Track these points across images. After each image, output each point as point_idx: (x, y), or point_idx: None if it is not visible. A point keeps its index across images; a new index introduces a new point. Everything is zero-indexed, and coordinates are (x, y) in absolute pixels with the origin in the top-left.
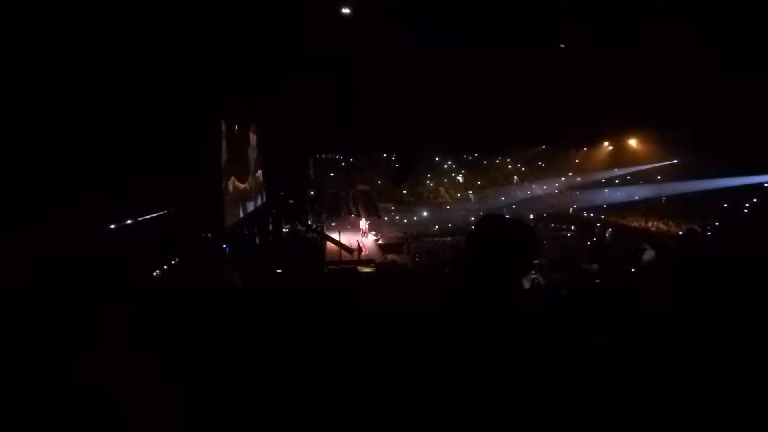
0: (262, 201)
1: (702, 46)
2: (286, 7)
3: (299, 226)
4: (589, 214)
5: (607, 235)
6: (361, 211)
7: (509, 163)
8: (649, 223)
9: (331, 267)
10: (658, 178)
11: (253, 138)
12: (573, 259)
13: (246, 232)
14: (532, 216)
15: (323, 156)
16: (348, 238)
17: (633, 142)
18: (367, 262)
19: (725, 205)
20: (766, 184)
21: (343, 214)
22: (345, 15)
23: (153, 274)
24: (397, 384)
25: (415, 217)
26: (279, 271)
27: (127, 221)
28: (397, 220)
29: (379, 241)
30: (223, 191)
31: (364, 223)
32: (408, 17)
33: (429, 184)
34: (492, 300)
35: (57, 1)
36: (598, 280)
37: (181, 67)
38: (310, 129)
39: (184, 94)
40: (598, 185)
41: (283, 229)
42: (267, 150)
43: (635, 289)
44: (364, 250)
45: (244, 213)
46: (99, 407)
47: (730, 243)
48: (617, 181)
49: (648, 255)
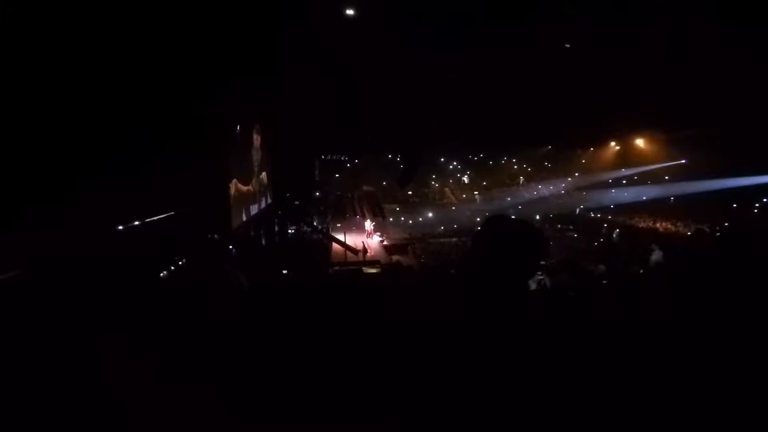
0: (267, 203)
1: (710, 46)
2: (290, 8)
3: (305, 227)
4: (596, 215)
5: (614, 235)
6: (366, 212)
7: (515, 163)
8: (657, 224)
9: (336, 268)
10: (666, 178)
11: (257, 140)
12: (580, 260)
13: (252, 234)
14: (538, 217)
15: (329, 157)
16: (353, 239)
17: (640, 142)
18: (372, 263)
19: (734, 205)
20: None
21: (348, 215)
22: (350, 15)
23: (160, 274)
24: (403, 385)
25: (420, 218)
26: (285, 271)
27: (134, 222)
28: (402, 221)
29: (385, 242)
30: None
31: (369, 224)
32: (413, 18)
33: (434, 184)
34: (498, 301)
35: (59, 1)
36: (605, 282)
37: (186, 68)
38: (316, 130)
39: (190, 97)
40: (605, 185)
41: (289, 230)
42: (273, 151)
43: (643, 290)
44: (369, 251)
45: (247, 216)
46: (107, 407)
47: (739, 244)
48: (624, 181)
49: (656, 256)
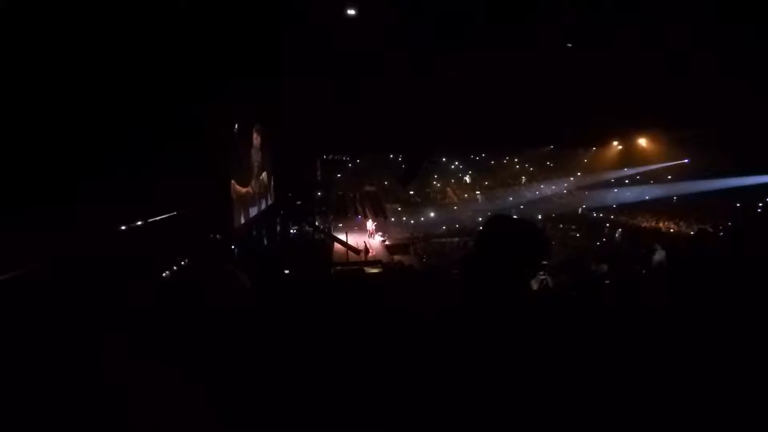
0: (267, 204)
1: (712, 44)
2: (291, 7)
3: (307, 227)
4: (598, 215)
5: (616, 235)
6: (368, 211)
7: (517, 163)
8: (660, 224)
9: (338, 268)
10: (669, 177)
11: (256, 141)
12: (582, 260)
13: (254, 233)
14: (540, 216)
15: (331, 157)
16: (355, 239)
17: (643, 142)
18: (374, 263)
19: (738, 204)
20: None
21: (350, 215)
22: (351, 15)
23: (162, 275)
24: (405, 384)
25: (422, 218)
26: (287, 271)
27: (137, 223)
28: (404, 220)
29: (386, 242)
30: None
31: (371, 224)
32: (414, 18)
33: (436, 184)
34: (500, 301)
35: (59, 1)
36: (607, 281)
37: (185, 68)
38: (318, 130)
39: (190, 96)
40: (608, 185)
41: (291, 230)
42: (275, 151)
43: (646, 290)
44: (371, 250)
45: (246, 218)
46: (109, 408)
47: (743, 243)
48: (627, 181)
49: (659, 255)
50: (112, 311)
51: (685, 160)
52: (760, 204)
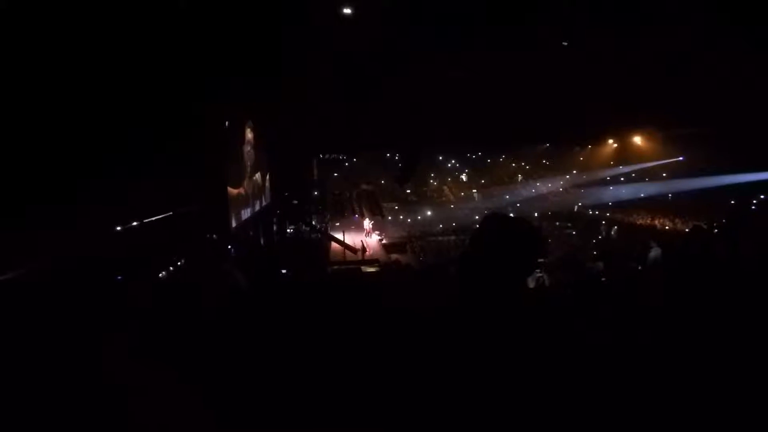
0: (262, 206)
1: (707, 43)
2: (287, 6)
3: (303, 227)
4: (594, 212)
5: (612, 233)
6: (364, 210)
7: (513, 161)
8: (655, 221)
9: (335, 267)
10: (664, 175)
11: (250, 140)
12: (578, 258)
13: (251, 233)
14: (536, 214)
15: (327, 156)
16: (352, 238)
17: (638, 140)
18: (371, 262)
19: (732, 202)
20: None
21: (346, 214)
22: (346, 14)
23: (159, 275)
24: (403, 383)
25: (419, 217)
26: (283, 271)
27: (133, 223)
28: (401, 219)
29: (383, 241)
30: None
31: (367, 223)
32: (410, 17)
33: (433, 183)
34: (497, 299)
35: (57, 1)
36: (603, 279)
37: (182, 68)
38: (314, 129)
39: (187, 96)
40: (603, 183)
41: (288, 230)
42: (270, 151)
43: (641, 287)
44: (368, 249)
45: (237, 221)
46: (107, 407)
47: (738, 240)
48: (622, 178)
49: (654, 253)
50: (109, 311)
51: (680, 158)
52: (755, 201)
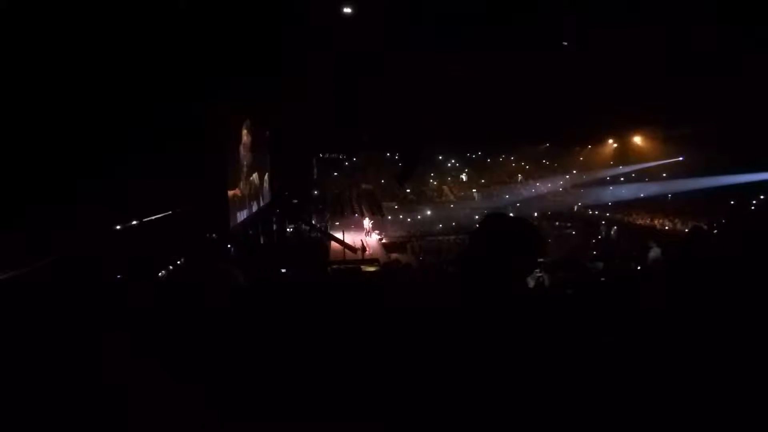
0: (259, 207)
1: (708, 44)
2: (287, 5)
3: (303, 226)
4: (593, 212)
5: (612, 233)
6: (364, 210)
7: (513, 161)
8: (655, 221)
9: (334, 266)
10: (664, 175)
11: (247, 140)
12: (578, 258)
13: (250, 232)
14: (536, 214)
15: (327, 156)
16: (352, 238)
17: (638, 140)
18: (370, 262)
19: (732, 202)
20: None
21: (346, 213)
22: (347, 14)
23: (159, 273)
24: (403, 383)
25: (418, 216)
26: (283, 270)
27: (133, 222)
28: (401, 219)
29: (383, 240)
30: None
31: (367, 223)
32: (410, 17)
33: (432, 182)
34: (497, 299)
35: (58, 1)
36: (603, 279)
37: (182, 68)
38: (314, 129)
39: (187, 96)
40: (603, 183)
41: (288, 229)
42: (270, 150)
43: (641, 287)
44: (367, 249)
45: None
46: (106, 408)
47: (737, 241)
48: (622, 178)
49: (654, 253)
50: (109, 310)
51: (680, 158)
52: (754, 201)
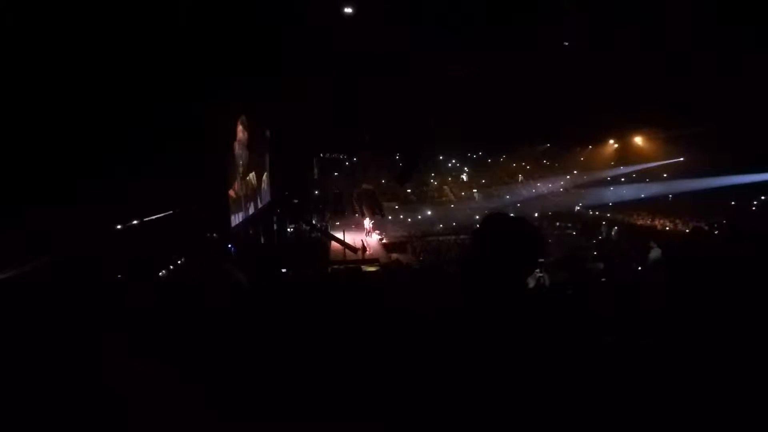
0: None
1: (708, 43)
2: (288, 5)
3: (304, 226)
4: (594, 213)
5: (612, 233)
6: (365, 210)
7: (514, 161)
8: (656, 222)
9: (335, 266)
10: (664, 176)
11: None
12: (578, 258)
13: (251, 232)
14: (537, 214)
15: (327, 155)
16: (352, 238)
17: (639, 140)
18: (371, 262)
19: (733, 203)
20: None
21: (347, 213)
22: (347, 13)
23: (159, 273)
24: (403, 383)
25: (419, 216)
26: (284, 270)
27: (133, 222)
28: (401, 219)
29: (384, 240)
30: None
31: (368, 222)
32: (411, 17)
33: (433, 182)
34: (497, 299)
35: (59, 1)
36: (603, 279)
37: (182, 67)
38: (315, 129)
39: (187, 95)
40: (604, 183)
41: (288, 229)
42: (271, 150)
43: (642, 288)
44: (368, 249)
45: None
46: (106, 408)
47: (738, 241)
48: (623, 179)
49: (654, 253)
50: (109, 310)
51: (681, 159)
52: (755, 202)
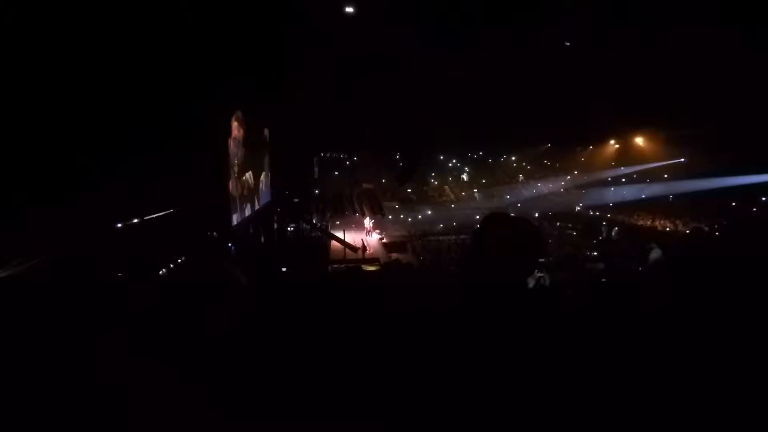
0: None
1: (709, 44)
2: (290, 6)
3: (304, 225)
4: (595, 213)
5: (613, 233)
6: (365, 209)
7: (514, 161)
8: (656, 222)
9: (335, 266)
10: (665, 176)
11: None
12: (579, 258)
13: (251, 231)
14: (537, 215)
15: (328, 155)
16: (352, 237)
17: (639, 141)
18: (371, 261)
19: (733, 204)
20: None
21: (347, 212)
22: (348, 13)
23: (159, 272)
24: (403, 383)
25: (419, 216)
26: (284, 269)
27: (133, 220)
28: (402, 218)
29: (384, 240)
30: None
31: (368, 222)
32: (411, 17)
33: (433, 182)
34: (497, 299)
35: (59, 1)
36: (604, 279)
37: (182, 67)
38: (314, 128)
39: (187, 95)
40: (604, 184)
41: (288, 228)
42: (271, 149)
43: (642, 288)
44: (368, 248)
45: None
46: (106, 408)
47: (737, 242)
48: (623, 179)
49: (655, 254)
50: (109, 310)
51: (682, 159)
52: (755, 203)
